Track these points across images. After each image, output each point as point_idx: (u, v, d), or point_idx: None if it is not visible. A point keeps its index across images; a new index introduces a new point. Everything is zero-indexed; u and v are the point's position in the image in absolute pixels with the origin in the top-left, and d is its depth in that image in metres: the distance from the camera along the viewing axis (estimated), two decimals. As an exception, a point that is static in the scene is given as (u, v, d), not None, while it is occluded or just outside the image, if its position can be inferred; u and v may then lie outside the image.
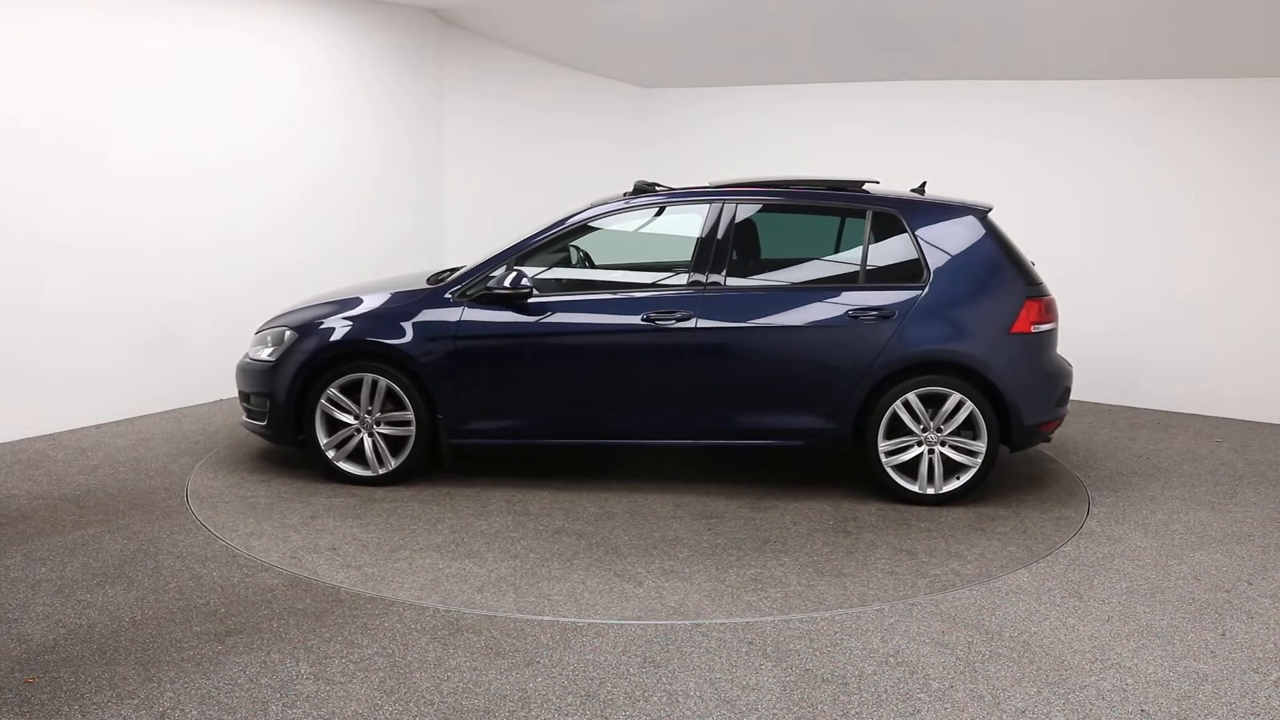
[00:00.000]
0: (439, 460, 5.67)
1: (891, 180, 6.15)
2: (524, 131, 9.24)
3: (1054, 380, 5.48)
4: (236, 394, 6.09)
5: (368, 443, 5.58)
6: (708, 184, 5.86)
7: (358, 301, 5.76)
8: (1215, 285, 7.34)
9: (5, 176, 6.09)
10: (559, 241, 5.69)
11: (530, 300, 5.47)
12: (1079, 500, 5.55)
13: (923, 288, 5.33)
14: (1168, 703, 3.46)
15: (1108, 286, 7.62)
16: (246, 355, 5.89)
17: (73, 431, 6.51)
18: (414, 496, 5.49)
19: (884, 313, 5.29)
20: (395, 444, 5.58)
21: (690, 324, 5.37)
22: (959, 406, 5.27)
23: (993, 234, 5.45)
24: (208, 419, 6.91)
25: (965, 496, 5.37)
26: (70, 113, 6.36)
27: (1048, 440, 5.79)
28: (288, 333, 5.69)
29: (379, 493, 5.53)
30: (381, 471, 5.59)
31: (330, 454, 5.60)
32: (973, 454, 5.32)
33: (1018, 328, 5.32)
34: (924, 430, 5.33)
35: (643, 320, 5.40)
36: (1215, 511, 5.40)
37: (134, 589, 4.24)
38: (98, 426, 6.64)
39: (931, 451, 5.34)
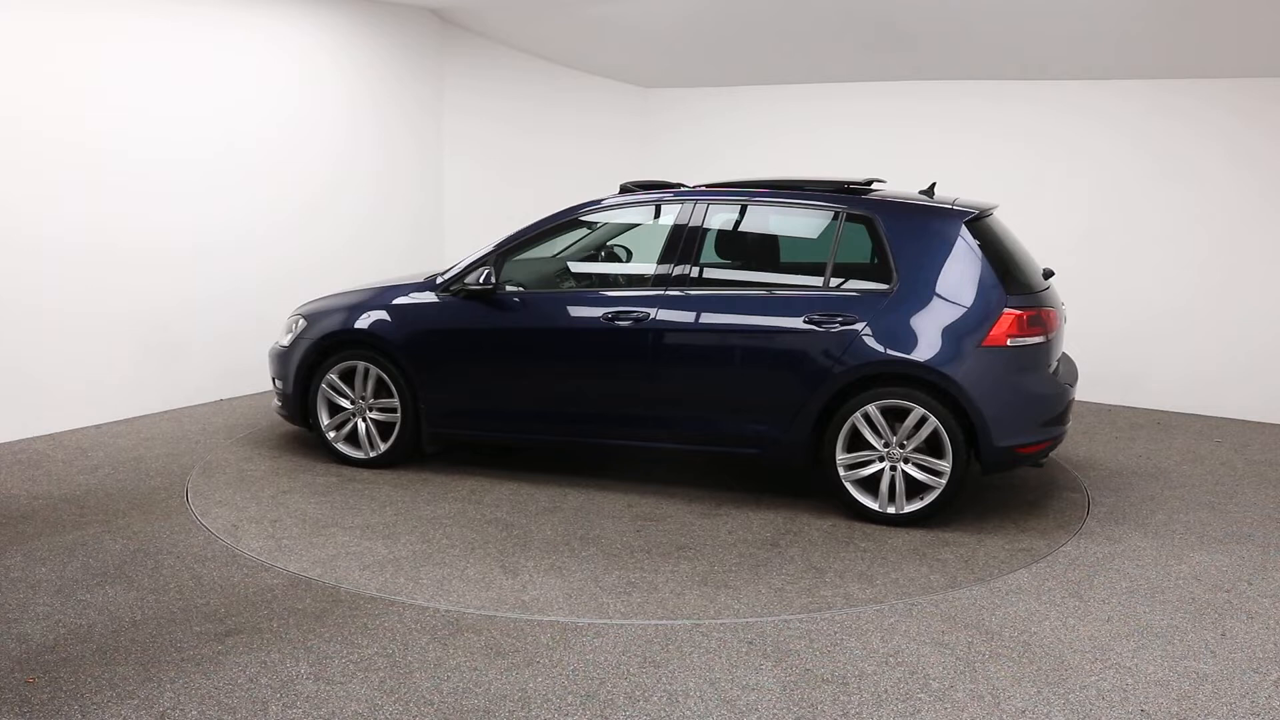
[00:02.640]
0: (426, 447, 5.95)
1: (892, 181, 6.14)
2: (524, 131, 9.24)
3: (1037, 400, 5.05)
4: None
5: (361, 426, 5.88)
6: (696, 184, 5.89)
7: (363, 293, 6.05)
8: (1215, 285, 7.34)
9: (5, 177, 6.09)
10: (542, 239, 5.79)
11: (502, 297, 5.62)
12: (1079, 500, 5.55)
13: (889, 294, 5.04)
14: (1168, 703, 3.46)
15: (1108, 286, 7.61)
16: (277, 340, 6.29)
17: (73, 431, 6.51)
18: (392, 480, 5.73)
19: (845, 319, 5.03)
20: (386, 429, 5.85)
21: (647, 324, 5.32)
22: (922, 422, 4.93)
23: (976, 239, 5.08)
24: (208, 419, 6.91)
25: (930, 518, 5.03)
26: (71, 114, 6.36)
27: (1037, 465, 5.42)
28: (300, 320, 6.08)
29: (365, 474, 5.80)
30: (373, 455, 5.87)
31: (330, 435, 5.93)
32: (937, 474, 4.96)
33: (990, 341, 4.90)
34: (886, 446, 5.01)
35: (603, 319, 5.40)
36: (1215, 511, 5.40)
37: (134, 589, 4.24)
38: (98, 426, 6.64)
39: (894, 469, 5.01)
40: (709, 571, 4.52)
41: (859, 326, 5.01)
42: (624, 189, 5.83)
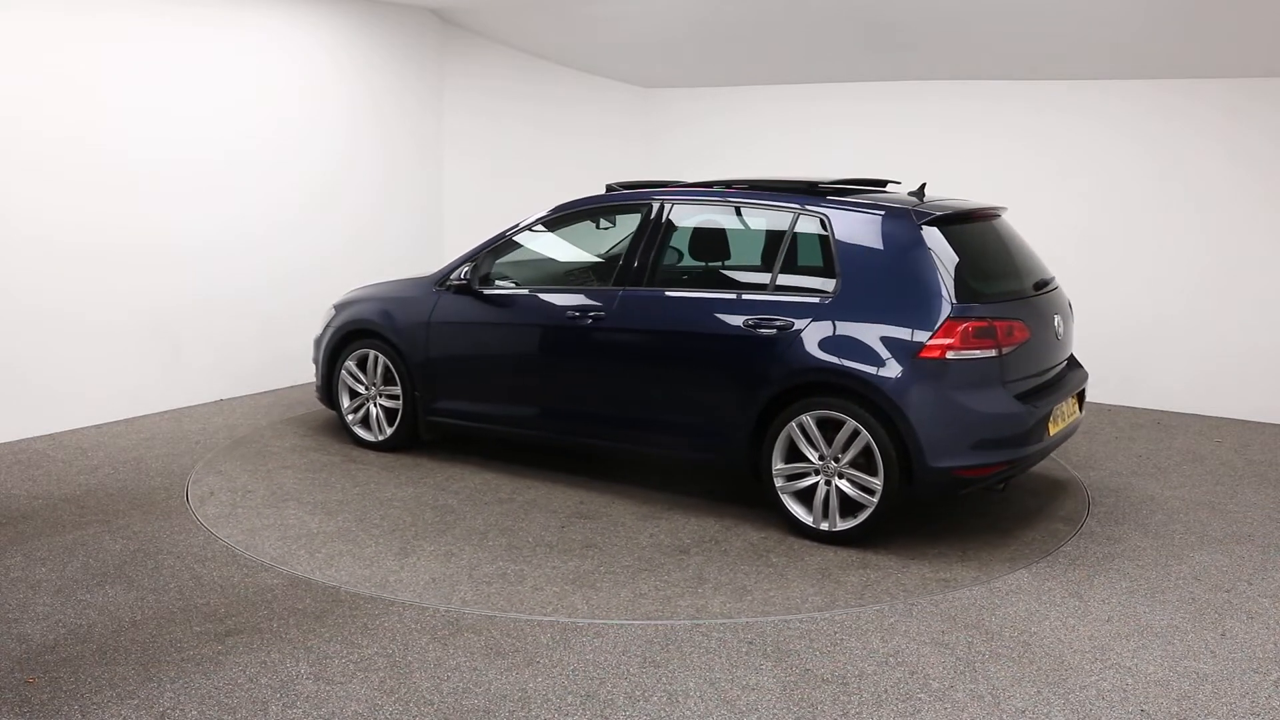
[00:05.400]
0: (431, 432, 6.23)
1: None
2: (525, 130, 9.24)
3: (984, 419, 4.62)
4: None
5: (373, 411, 6.25)
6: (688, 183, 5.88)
7: (384, 287, 6.42)
8: (1215, 285, 7.33)
9: (6, 177, 6.09)
10: (529, 237, 5.92)
11: (484, 293, 5.81)
12: (1079, 500, 5.55)
13: (829, 298, 4.81)
14: (1168, 703, 3.46)
15: (1108, 286, 7.61)
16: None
17: (73, 431, 6.51)
18: (386, 462, 6.05)
19: (783, 323, 4.84)
20: (394, 415, 6.19)
21: (603, 324, 5.34)
22: (856, 436, 4.67)
23: (932, 242, 4.74)
24: (208, 419, 6.91)
25: (866, 539, 4.76)
26: (72, 113, 6.36)
27: (996, 489, 5.08)
28: (332, 310, 6.51)
29: (368, 456, 6.17)
30: (380, 438, 6.22)
31: (349, 418, 6.34)
32: (871, 492, 4.69)
33: (928, 352, 4.55)
34: (821, 459, 4.77)
35: (565, 317, 5.46)
36: (1215, 511, 5.40)
37: (134, 589, 4.24)
38: (98, 426, 6.64)
39: (829, 483, 4.78)
40: (589, 571, 4.51)
41: (796, 331, 4.81)
42: (609, 189, 5.86)
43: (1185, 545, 4.91)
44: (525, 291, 5.78)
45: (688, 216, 5.53)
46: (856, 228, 4.88)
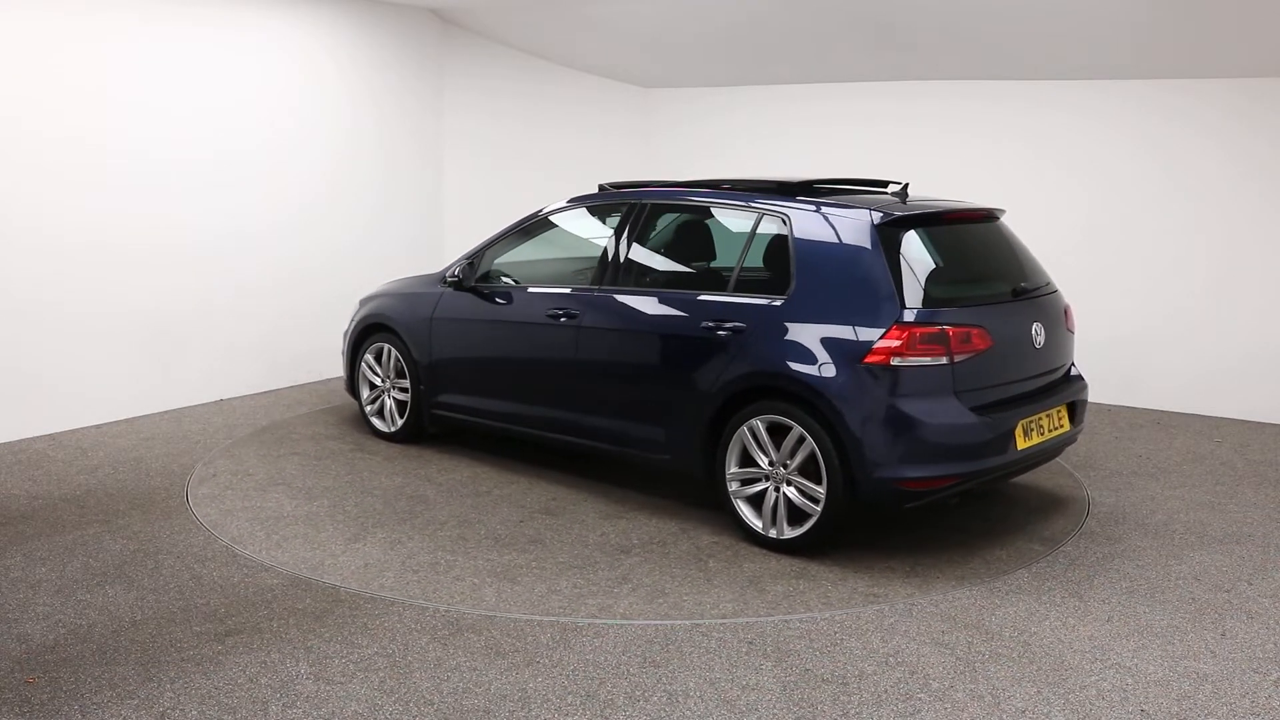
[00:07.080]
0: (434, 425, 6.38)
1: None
2: (525, 130, 9.24)
3: (932, 429, 4.40)
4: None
5: (387, 403, 6.47)
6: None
7: (401, 283, 6.61)
8: (1215, 285, 7.33)
9: (7, 177, 6.09)
10: (523, 237, 6.02)
11: (476, 289, 5.96)
12: (1079, 500, 5.55)
13: (782, 300, 4.71)
14: (1168, 703, 3.46)
15: (1108, 286, 7.61)
16: None
17: (73, 431, 6.51)
18: (392, 452, 6.25)
19: (737, 326, 4.77)
20: (405, 407, 6.38)
21: (576, 323, 5.39)
22: (802, 442, 4.56)
23: (889, 244, 4.58)
24: (208, 419, 6.91)
25: (816, 548, 4.63)
26: (73, 113, 6.36)
27: (950, 502, 4.96)
28: (358, 305, 6.74)
29: (379, 446, 6.38)
30: (392, 429, 6.43)
31: (367, 409, 6.58)
32: (815, 500, 4.56)
33: (872, 357, 4.39)
34: (771, 465, 4.69)
35: (547, 317, 5.53)
36: (1215, 511, 5.40)
37: (134, 589, 4.24)
38: (98, 426, 6.64)
39: (777, 490, 4.68)
40: (519, 566, 4.54)
41: (749, 334, 4.74)
42: (601, 189, 5.88)
43: (1185, 545, 4.91)
44: (514, 289, 5.86)
45: (661, 217, 5.54)
46: (813, 228, 4.76)
